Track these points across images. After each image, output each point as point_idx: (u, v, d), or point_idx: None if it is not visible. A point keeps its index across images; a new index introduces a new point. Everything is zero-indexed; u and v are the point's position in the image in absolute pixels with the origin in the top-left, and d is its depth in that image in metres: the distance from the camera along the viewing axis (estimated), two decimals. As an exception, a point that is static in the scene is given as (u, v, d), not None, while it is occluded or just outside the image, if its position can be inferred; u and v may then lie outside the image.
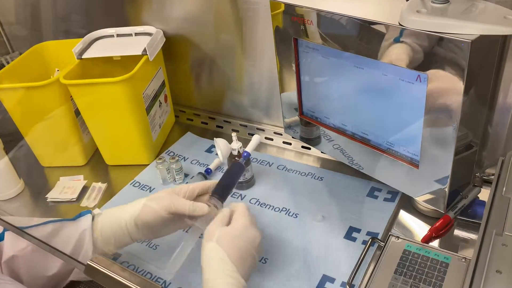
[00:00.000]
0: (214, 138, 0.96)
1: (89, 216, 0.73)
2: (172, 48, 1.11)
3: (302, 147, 1.03)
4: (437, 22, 0.58)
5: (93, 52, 1.02)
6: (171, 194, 0.73)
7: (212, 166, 0.99)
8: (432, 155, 0.68)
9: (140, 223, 0.71)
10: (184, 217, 0.71)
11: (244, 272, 0.64)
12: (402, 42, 0.62)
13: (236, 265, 0.63)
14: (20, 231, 0.68)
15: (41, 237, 0.68)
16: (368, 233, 0.79)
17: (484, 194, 0.78)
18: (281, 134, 1.06)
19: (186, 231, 0.80)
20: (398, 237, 0.73)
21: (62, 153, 1.06)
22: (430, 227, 0.76)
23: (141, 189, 0.98)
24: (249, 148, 0.84)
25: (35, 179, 1.06)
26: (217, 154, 0.99)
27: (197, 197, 0.75)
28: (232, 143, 0.90)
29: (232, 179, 0.78)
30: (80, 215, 0.74)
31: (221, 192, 0.74)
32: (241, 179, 0.92)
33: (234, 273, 0.62)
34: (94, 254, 0.72)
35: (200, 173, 0.96)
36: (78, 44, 1.02)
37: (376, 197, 0.86)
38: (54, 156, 1.07)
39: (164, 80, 1.12)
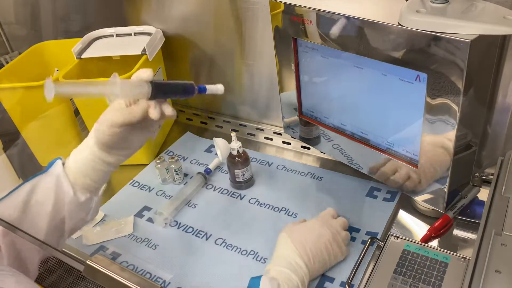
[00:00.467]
0: (214, 138, 0.96)
1: (59, 162, 0.70)
2: (172, 48, 1.11)
3: (302, 147, 1.03)
4: (436, 22, 0.58)
5: (92, 52, 1.01)
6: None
7: (211, 166, 0.99)
8: (432, 155, 0.68)
9: (103, 144, 0.67)
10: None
11: (308, 261, 0.69)
12: (401, 42, 0.62)
13: (299, 250, 0.69)
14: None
15: (22, 199, 0.66)
16: (368, 233, 0.79)
17: (483, 194, 0.78)
18: (280, 134, 1.06)
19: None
20: (397, 237, 0.73)
21: (62, 153, 1.06)
22: (430, 227, 0.76)
23: (141, 188, 0.98)
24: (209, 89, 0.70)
25: (35, 179, 1.06)
26: (216, 154, 0.99)
27: None
28: (231, 143, 0.90)
29: (173, 87, 0.66)
30: (50, 164, 0.71)
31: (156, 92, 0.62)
32: (240, 179, 0.92)
33: (295, 256, 0.69)
34: (76, 196, 0.69)
35: (199, 173, 0.96)
36: (77, 43, 1.02)
37: (375, 197, 0.86)
38: (53, 155, 1.06)
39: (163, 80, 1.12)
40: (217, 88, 0.70)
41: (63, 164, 0.71)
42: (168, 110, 0.64)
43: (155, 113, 0.63)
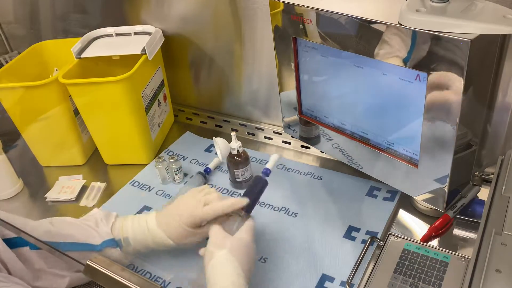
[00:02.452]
0: (214, 138, 0.96)
1: (116, 250, 0.72)
2: (171, 48, 1.10)
3: (302, 146, 1.03)
4: (436, 21, 0.58)
5: (92, 52, 1.01)
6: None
7: (211, 166, 0.99)
8: (432, 154, 0.67)
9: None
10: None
11: (248, 283, 0.64)
12: (401, 41, 0.62)
13: (246, 275, 0.63)
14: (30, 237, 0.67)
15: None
16: (368, 232, 0.79)
17: (484, 193, 0.78)
18: (280, 134, 1.06)
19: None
20: (397, 236, 0.73)
21: (61, 153, 1.06)
22: (430, 226, 0.76)
23: (140, 188, 0.98)
24: (270, 165, 0.84)
25: (34, 178, 1.06)
26: (216, 153, 0.99)
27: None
28: (231, 143, 0.90)
29: (257, 196, 0.77)
30: (105, 244, 0.71)
31: (248, 209, 0.74)
32: (240, 179, 0.92)
33: (244, 283, 0.62)
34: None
35: (199, 172, 0.96)
36: (77, 43, 1.02)
37: (375, 196, 0.86)
38: (53, 155, 1.07)
39: (163, 80, 1.11)
40: (274, 159, 0.84)
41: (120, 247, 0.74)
42: None
43: None
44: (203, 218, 0.70)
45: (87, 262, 0.61)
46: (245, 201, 0.72)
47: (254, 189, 0.77)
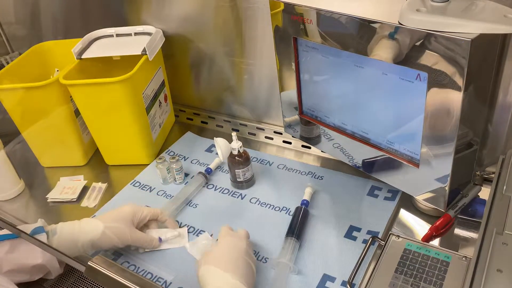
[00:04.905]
0: (214, 138, 0.96)
1: (43, 236, 0.74)
2: (172, 48, 1.11)
3: (302, 146, 1.03)
4: (437, 20, 0.58)
5: (92, 52, 1.01)
6: (129, 225, 0.78)
7: (212, 166, 0.99)
8: (432, 154, 0.67)
9: (96, 247, 0.78)
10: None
11: (244, 279, 0.64)
12: (401, 41, 0.62)
13: (230, 273, 0.64)
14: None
15: None
16: (369, 232, 0.79)
17: (485, 193, 0.78)
18: (281, 133, 1.06)
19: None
20: (398, 236, 0.73)
21: (62, 153, 1.06)
22: (431, 226, 0.76)
23: (141, 189, 0.98)
24: (306, 196, 0.86)
25: (35, 179, 1.06)
26: (217, 153, 0.99)
27: (148, 221, 0.83)
28: (232, 143, 0.90)
29: (302, 222, 0.81)
30: (34, 232, 0.74)
31: (294, 233, 0.78)
32: (241, 179, 0.92)
33: (230, 280, 0.63)
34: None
35: (200, 172, 0.96)
36: (77, 44, 1.02)
37: (376, 196, 0.86)
38: (54, 156, 1.07)
39: (163, 80, 1.12)
40: (309, 192, 0.87)
41: (47, 235, 0.77)
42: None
43: None
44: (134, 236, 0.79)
45: (89, 263, 0.62)
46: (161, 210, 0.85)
47: (297, 218, 0.82)
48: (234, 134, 0.89)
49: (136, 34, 1.07)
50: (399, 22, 0.62)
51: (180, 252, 0.81)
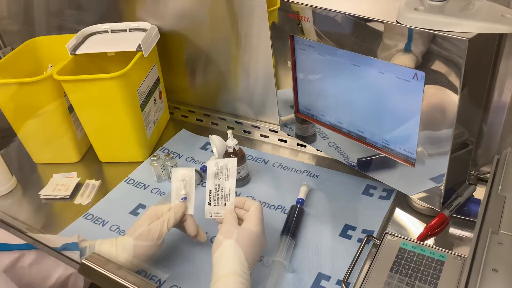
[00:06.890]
0: (210, 135, 0.95)
1: (76, 253, 0.69)
2: (167, 44, 1.10)
3: (298, 144, 1.03)
4: (434, 20, 0.58)
5: (87, 48, 1.00)
6: (152, 224, 0.73)
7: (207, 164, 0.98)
8: (428, 153, 0.68)
9: (136, 262, 0.72)
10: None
11: (251, 273, 0.65)
12: (399, 40, 0.62)
13: (250, 266, 0.65)
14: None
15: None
16: (364, 231, 0.79)
17: (479, 192, 0.78)
18: (276, 132, 1.06)
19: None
20: (393, 235, 0.73)
21: (55, 150, 1.05)
22: (426, 225, 0.76)
23: (135, 186, 0.97)
24: (302, 195, 0.86)
25: (28, 176, 1.05)
26: (212, 151, 0.98)
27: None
28: (227, 141, 0.89)
29: (297, 220, 0.81)
30: (65, 248, 0.70)
31: (289, 232, 0.78)
32: (236, 176, 0.91)
33: (247, 274, 0.64)
34: None
35: (195, 170, 0.96)
36: (71, 39, 1.01)
37: (371, 195, 0.86)
38: (47, 152, 1.06)
39: (158, 77, 1.11)
40: (305, 190, 0.87)
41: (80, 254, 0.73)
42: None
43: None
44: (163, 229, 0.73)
45: (82, 261, 0.61)
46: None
47: (292, 216, 0.81)
48: (229, 132, 0.89)
49: (131, 30, 1.06)
50: (396, 20, 0.61)
51: (175, 250, 0.80)
